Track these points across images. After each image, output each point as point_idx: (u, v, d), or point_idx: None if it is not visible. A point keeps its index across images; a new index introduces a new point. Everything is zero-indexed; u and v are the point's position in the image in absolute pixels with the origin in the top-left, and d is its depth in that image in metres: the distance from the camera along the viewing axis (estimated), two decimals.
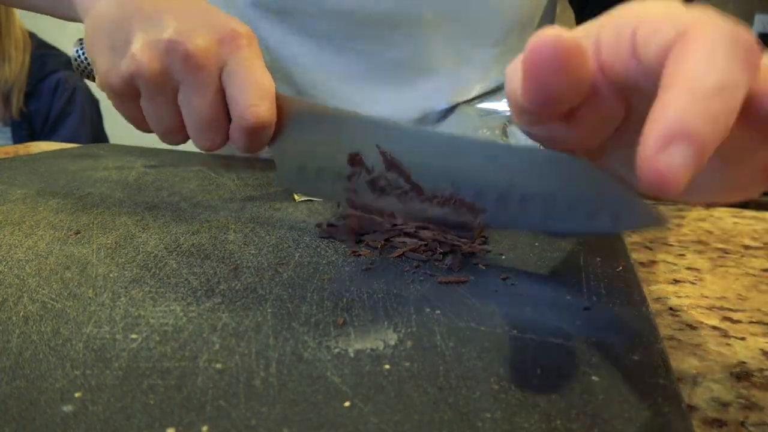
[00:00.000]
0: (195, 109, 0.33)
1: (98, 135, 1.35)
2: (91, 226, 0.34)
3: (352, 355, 0.20)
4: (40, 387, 0.18)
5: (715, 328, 0.28)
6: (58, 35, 1.48)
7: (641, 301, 0.26)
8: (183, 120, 0.34)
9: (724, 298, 0.31)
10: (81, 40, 0.41)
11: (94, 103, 1.35)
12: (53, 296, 0.24)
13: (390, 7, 0.50)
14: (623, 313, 0.24)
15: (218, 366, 0.19)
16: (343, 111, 0.33)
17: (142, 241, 0.31)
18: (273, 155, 0.35)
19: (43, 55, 1.28)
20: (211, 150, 0.35)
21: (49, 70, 1.27)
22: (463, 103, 0.56)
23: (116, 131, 1.48)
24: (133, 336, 0.21)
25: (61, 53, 1.33)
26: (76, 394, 0.17)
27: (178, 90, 0.33)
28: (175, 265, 0.28)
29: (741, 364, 0.24)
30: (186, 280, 0.26)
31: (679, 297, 0.31)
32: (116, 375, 0.18)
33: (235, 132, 0.33)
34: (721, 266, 0.36)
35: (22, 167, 0.50)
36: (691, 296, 0.31)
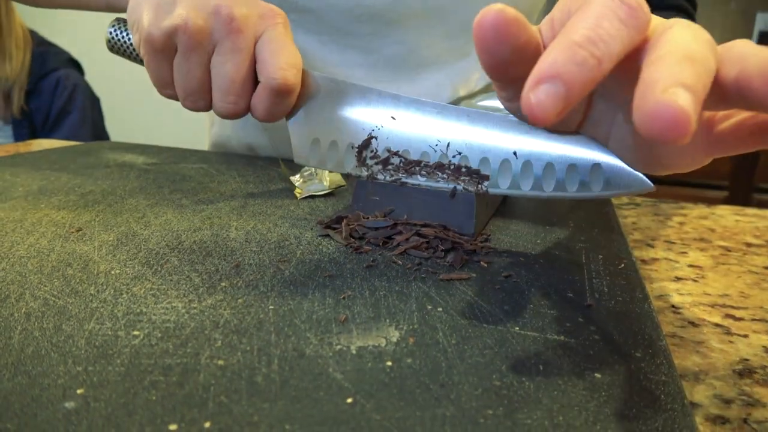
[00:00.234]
0: (226, 70, 0.35)
1: (99, 133, 1.35)
2: (92, 223, 0.34)
3: (354, 351, 0.20)
4: (42, 383, 0.18)
5: (717, 325, 0.28)
6: (59, 33, 1.48)
7: (643, 298, 0.25)
8: (208, 83, 0.36)
9: (726, 295, 0.31)
10: (116, 20, 0.44)
11: (95, 101, 1.35)
12: (55, 293, 0.24)
13: (388, 2, 0.50)
14: (625, 311, 0.24)
15: (220, 362, 0.19)
16: (357, 85, 0.35)
17: (143, 238, 0.31)
18: (290, 130, 0.36)
19: (44, 52, 1.28)
20: (231, 116, 0.37)
21: (50, 68, 1.27)
22: (464, 100, 0.56)
23: (117, 129, 1.49)
24: (135, 333, 0.21)
25: (62, 51, 1.33)
26: (79, 391, 0.17)
27: (212, 53, 0.36)
28: (176, 262, 0.28)
29: (743, 361, 0.24)
30: (188, 277, 0.26)
31: (681, 294, 0.31)
32: (118, 371, 0.18)
33: (261, 94, 0.35)
34: (724, 264, 0.36)
35: (23, 165, 0.50)
36: (693, 294, 0.31)
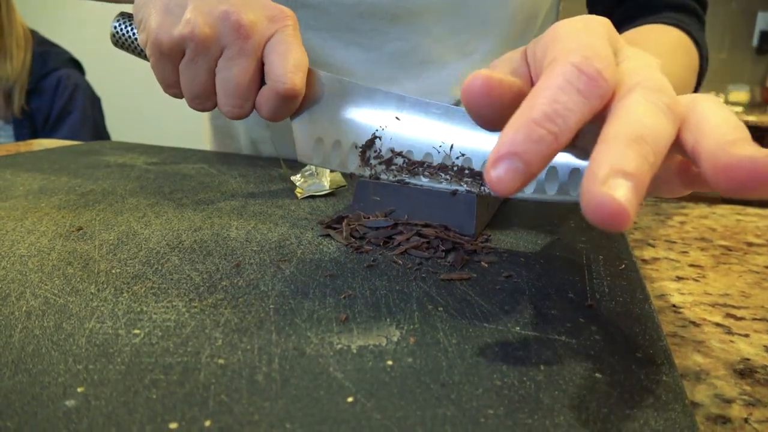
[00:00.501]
0: (233, 74, 0.36)
1: (100, 133, 1.35)
2: (93, 222, 0.34)
3: (354, 351, 0.20)
4: (43, 382, 0.18)
5: (718, 325, 0.27)
6: (59, 33, 1.48)
7: (644, 298, 0.25)
8: (215, 87, 0.37)
9: (727, 295, 0.31)
10: (121, 14, 0.44)
11: (95, 101, 1.35)
12: (56, 292, 0.24)
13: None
14: (626, 311, 0.24)
15: (221, 361, 0.19)
16: (362, 85, 0.36)
17: (144, 237, 0.31)
18: (293, 129, 0.36)
19: (45, 52, 1.28)
20: (236, 117, 0.37)
21: (51, 67, 1.27)
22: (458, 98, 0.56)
23: (118, 129, 1.49)
24: (136, 331, 0.21)
25: (63, 51, 1.33)
26: (79, 389, 0.17)
27: (219, 57, 0.36)
28: (177, 262, 0.28)
29: (744, 360, 0.24)
30: (188, 276, 0.26)
31: (682, 294, 0.31)
32: (119, 370, 0.18)
33: (267, 96, 0.36)
34: (724, 263, 0.36)
35: (24, 164, 0.50)
36: (694, 293, 0.31)
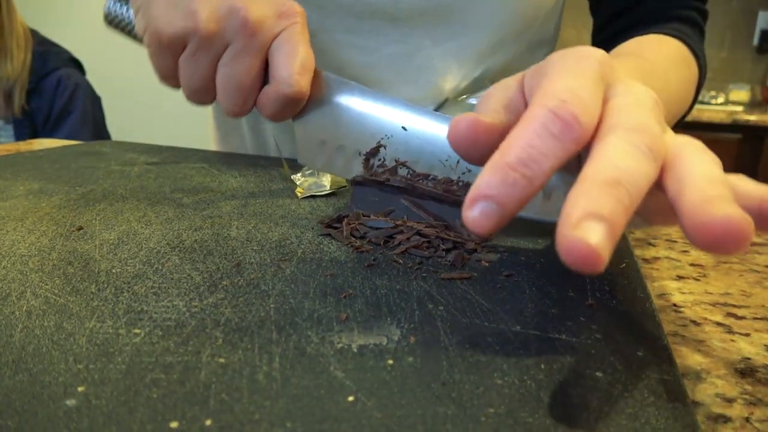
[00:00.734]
0: (236, 72, 0.35)
1: (100, 132, 1.35)
2: (93, 222, 0.34)
3: (355, 350, 0.20)
4: (43, 381, 0.18)
5: (719, 324, 0.27)
6: (60, 32, 1.48)
7: (645, 297, 0.25)
8: (215, 81, 0.36)
9: (728, 294, 0.31)
10: None
11: (96, 100, 1.35)
12: (56, 291, 0.24)
13: (391, 0, 0.49)
14: (627, 310, 0.24)
15: (221, 360, 0.19)
16: (370, 90, 0.35)
17: (144, 237, 0.31)
18: (296, 130, 0.36)
19: (45, 52, 1.28)
20: (236, 115, 0.36)
21: (51, 67, 1.27)
22: (452, 98, 0.55)
23: (118, 128, 1.49)
24: (136, 331, 0.21)
25: (63, 50, 1.33)
26: (79, 389, 0.17)
27: (222, 52, 0.35)
28: (177, 261, 0.28)
29: (745, 360, 0.24)
30: (189, 275, 0.26)
31: (683, 293, 0.31)
32: (119, 369, 0.18)
33: (270, 97, 0.35)
34: (725, 263, 0.36)
35: (25, 164, 0.50)
36: (695, 292, 0.31)
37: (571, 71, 0.22)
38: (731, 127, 2.10)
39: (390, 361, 0.19)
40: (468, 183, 0.32)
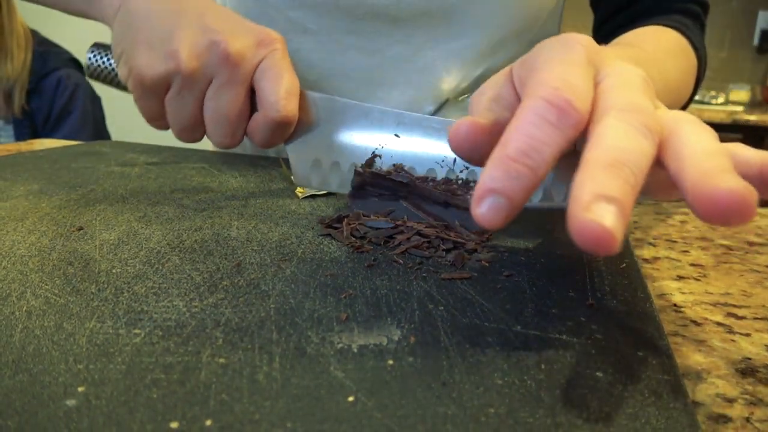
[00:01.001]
0: (222, 104, 0.35)
1: (100, 132, 1.35)
2: (93, 222, 0.34)
3: (355, 350, 0.20)
4: (43, 381, 0.18)
5: (719, 324, 0.27)
6: (60, 33, 1.48)
7: (645, 297, 0.25)
8: (203, 117, 0.36)
9: (728, 294, 0.31)
10: (95, 45, 0.43)
11: (96, 100, 1.35)
12: (56, 291, 0.24)
13: (393, 1, 0.49)
14: (627, 310, 0.24)
15: (221, 361, 0.19)
16: (358, 104, 0.35)
17: (144, 237, 0.31)
18: (289, 153, 0.36)
19: (45, 52, 1.28)
20: (227, 147, 0.37)
21: (51, 67, 1.27)
22: (453, 98, 0.55)
23: (119, 128, 1.49)
24: (136, 331, 0.21)
25: (63, 51, 1.33)
26: (80, 389, 0.17)
27: (206, 88, 0.35)
28: (177, 261, 0.28)
29: (746, 360, 0.24)
30: (189, 276, 0.26)
31: (683, 293, 0.31)
32: (119, 369, 0.18)
33: (260, 124, 0.35)
34: (726, 263, 0.36)
35: (25, 164, 0.50)
36: (695, 292, 0.31)
37: (559, 59, 0.22)
38: (731, 127, 2.10)
39: (390, 362, 0.19)
40: (467, 180, 0.32)
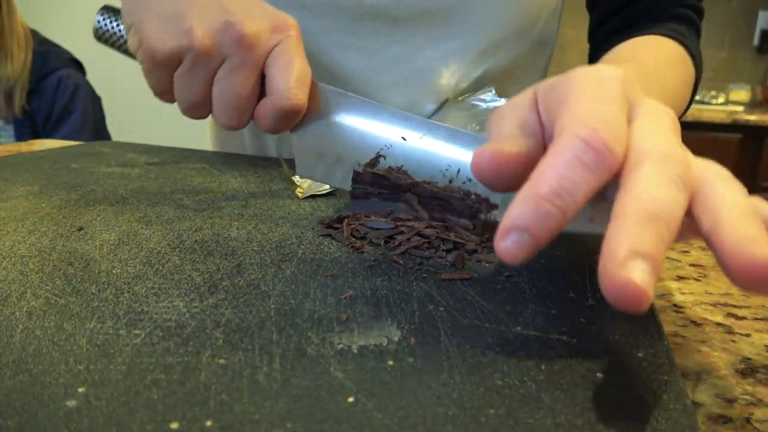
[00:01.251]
0: (232, 86, 0.34)
1: (101, 132, 1.35)
2: (94, 222, 0.34)
3: (355, 351, 0.20)
4: (44, 382, 0.18)
5: (719, 324, 0.27)
6: (60, 33, 1.48)
7: (653, 296, 0.25)
8: (211, 96, 0.35)
9: (728, 294, 0.31)
10: (105, 8, 0.42)
11: (96, 100, 1.35)
12: (56, 292, 0.24)
13: (393, 1, 0.49)
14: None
15: (221, 361, 0.19)
16: (369, 102, 0.35)
17: (145, 237, 0.31)
18: (293, 142, 0.36)
19: (46, 52, 1.28)
20: (233, 128, 0.36)
21: (52, 67, 1.27)
22: (452, 98, 0.55)
23: (119, 129, 1.49)
24: (137, 332, 0.21)
25: (64, 51, 1.33)
26: (80, 389, 0.17)
27: (218, 67, 0.35)
28: (178, 262, 0.28)
29: (746, 360, 0.24)
30: (189, 276, 0.26)
31: (683, 294, 0.31)
32: (119, 370, 0.18)
33: (268, 111, 0.34)
34: None
35: (25, 164, 0.50)
36: (695, 293, 0.31)
37: (596, 95, 0.21)
38: (731, 127, 2.10)
39: (390, 362, 0.19)
40: (468, 192, 0.32)
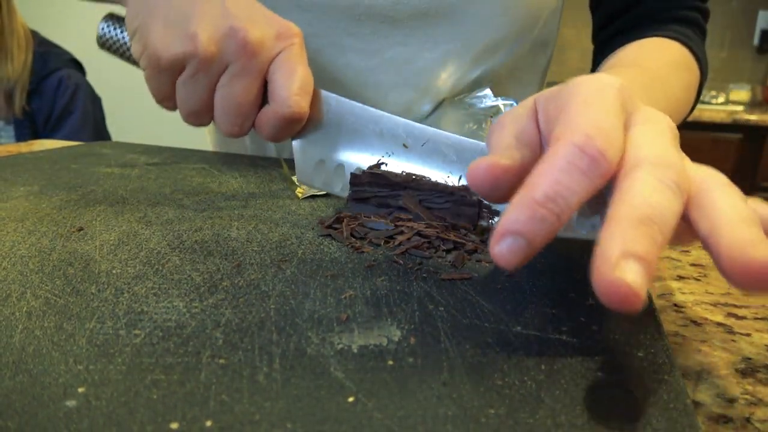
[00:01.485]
0: (235, 93, 0.34)
1: (101, 133, 1.35)
2: (94, 222, 0.34)
3: (355, 350, 0.20)
4: (44, 382, 0.18)
5: (719, 324, 0.27)
6: (60, 33, 1.48)
7: (646, 297, 0.25)
8: (213, 103, 0.35)
9: (728, 294, 0.31)
10: (109, 16, 0.42)
11: (96, 100, 1.35)
12: (56, 292, 0.24)
13: (392, 1, 0.48)
14: None
15: (221, 361, 0.19)
16: (370, 109, 0.35)
17: (144, 237, 0.31)
18: (294, 149, 0.35)
19: (46, 53, 1.28)
20: (234, 136, 0.36)
21: (52, 68, 1.27)
22: (449, 98, 0.55)
23: (118, 129, 1.49)
24: (136, 332, 0.21)
25: (64, 51, 1.33)
26: (80, 389, 0.17)
27: (221, 74, 0.34)
28: (178, 262, 0.28)
29: (746, 360, 0.24)
30: (189, 276, 0.26)
31: (683, 293, 0.31)
32: (119, 370, 0.18)
33: (270, 118, 0.34)
34: None
35: (25, 164, 0.50)
36: (695, 292, 0.31)
37: (593, 103, 0.22)
38: (732, 127, 2.10)
39: (390, 362, 0.19)
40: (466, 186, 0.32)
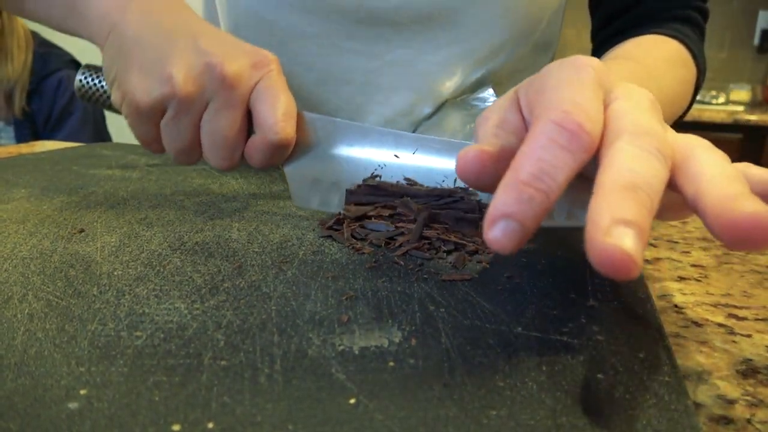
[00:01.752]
0: (220, 127, 0.34)
1: (100, 133, 1.35)
2: (95, 224, 0.34)
3: (356, 352, 0.20)
4: (45, 384, 0.18)
5: (720, 325, 0.27)
6: (60, 34, 1.48)
7: (646, 298, 0.25)
8: (200, 140, 0.35)
9: (729, 295, 0.31)
10: (86, 67, 0.42)
11: None
12: (58, 294, 0.24)
13: (395, 4, 0.48)
14: (628, 311, 0.24)
15: (223, 363, 0.19)
16: (356, 124, 0.35)
17: (146, 239, 0.31)
18: (287, 175, 0.35)
19: (46, 53, 1.28)
20: (225, 169, 0.36)
21: (52, 68, 1.27)
22: (451, 99, 0.55)
23: (119, 130, 1.49)
24: (138, 333, 0.21)
25: (64, 52, 1.33)
26: (82, 391, 0.17)
27: (203, 111, 0.34)
28: (179, 263, 0.28)
29: (747, 361, 0.24)
30: (190, 278, 0.26)
31: (684, 294, 0.31)
32: (121, 372, 0.18)
33: (258, 147, 0.34)
34: (726, 263, 0.36)
35: (26, 166, 0.50)
36: (696, 293, 0.31)
37: (569, 82, 0.22)
38: (732, 127, 2.10)
39: (391, 363, 0.19)
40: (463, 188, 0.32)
